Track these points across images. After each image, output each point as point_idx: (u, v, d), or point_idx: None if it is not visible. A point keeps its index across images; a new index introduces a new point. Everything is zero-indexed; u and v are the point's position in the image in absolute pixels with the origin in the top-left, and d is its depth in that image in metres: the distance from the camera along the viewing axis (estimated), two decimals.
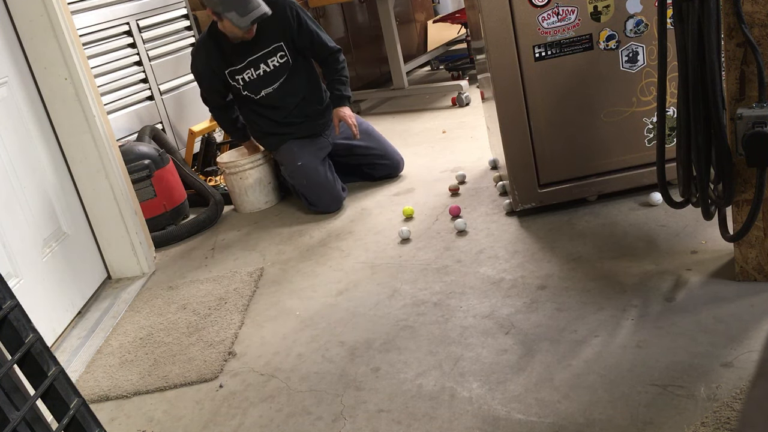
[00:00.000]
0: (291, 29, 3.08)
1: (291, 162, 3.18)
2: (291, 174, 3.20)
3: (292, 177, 3.20)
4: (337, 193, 3.18)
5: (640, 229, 2.37)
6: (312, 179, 3.14)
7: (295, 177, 3.17)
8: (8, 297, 1.47)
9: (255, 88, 3.13)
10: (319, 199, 3.14)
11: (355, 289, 2.40)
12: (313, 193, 3.14)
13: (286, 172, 3.24)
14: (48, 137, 2.68)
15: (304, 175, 3.14)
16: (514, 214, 2.69)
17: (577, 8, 2.36)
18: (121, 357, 2.28)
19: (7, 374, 1.40)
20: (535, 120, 2.49)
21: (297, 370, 2.01)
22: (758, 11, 1.67)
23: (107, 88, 3.51)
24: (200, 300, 2.55)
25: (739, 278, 1.95)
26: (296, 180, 3.18)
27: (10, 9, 2.58)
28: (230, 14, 2.87)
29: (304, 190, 3.16)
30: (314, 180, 3.14)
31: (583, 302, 2.02)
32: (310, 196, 3.15)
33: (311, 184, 3.14)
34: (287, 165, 3.20)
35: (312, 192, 3.14)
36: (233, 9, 2.86)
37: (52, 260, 2.53)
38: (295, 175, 3.17)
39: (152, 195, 3.18)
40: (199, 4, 4.20)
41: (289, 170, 3.20)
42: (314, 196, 3.14)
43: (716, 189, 1.88)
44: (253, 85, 3.13)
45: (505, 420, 1.63)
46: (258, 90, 3.14)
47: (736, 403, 1.52)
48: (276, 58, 3.11)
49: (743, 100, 1.75)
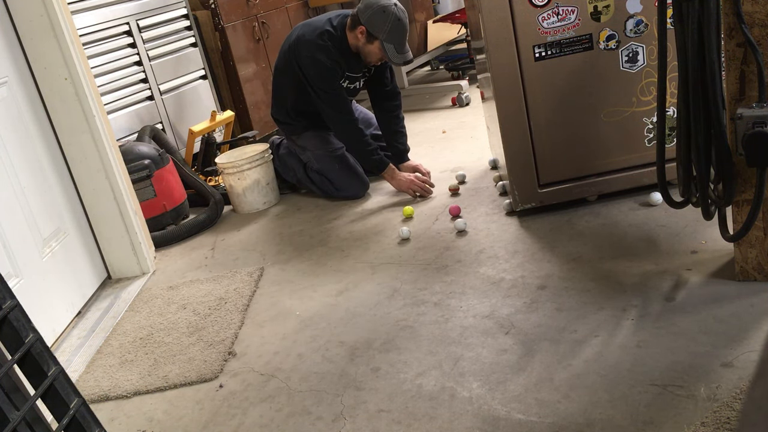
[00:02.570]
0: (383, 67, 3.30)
1: (322, 147, 3.28)
2: (321, 158, 3.28)
3: (322, 161, 3.28)
4: (366, 180, 3.30)
5: (640, 229, 2.37)
6: (344, 164, 3.26)
7: (326, 161, 3.27)
8: (8, 297, 1.47)
9: None
10: (351, 184, 3.26)
11: (355, 289, 2.40)
12: (344, 177, 3.26)
13: (313, 157, 3.31)
14: (48, 137, 2.68)
15: (336, 160, 3.26)
16: (514, 214, 2.69)
17: (577, 8, 2.36)
18: (121, 357, 2.28)
19: (7, 374, 1.40)
20: (535, 120, 2.49)
21: (297, 370, 2.01)
22: (758, 11, 1.67)
23: (107, 88, 3.51)
24: (200, 300, 2.55)
25: (739, 278, 1.95)
26: (327, 165, 3.27)
27: (10, 9, 2.58)
28: (389, 46, 3.04)
29: (334, 175, 3.26)
30: (346, 164, 3.27)
31: (583, 302, 2.02)
32: (341, 181, 3.26)
33: (343, 168, 3.26)
34: (317, 150, 3.29)
35: (343, 177, 3.26)
36: (393, 43, 3.04)
37: (52, 260, 2.53)
38: (327, 159, 3.26)
39: (152, 195, 3.18)
40: (200, 4, 4.21)
41: (320, 155, 3.28)
42: (345, 181, 3.26)
43: (716, 189, 1.88)
44: None
45: (505, 420, 1.63)
46: None
47: (736, 403, 1.52)
48: (363, 79, 3.32)
49: (743, 100, 1.75)
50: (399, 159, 3.30)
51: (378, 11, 3.00)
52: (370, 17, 3.01)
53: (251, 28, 4.41)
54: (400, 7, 3.04)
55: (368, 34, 3.03)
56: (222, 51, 4.27)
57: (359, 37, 3.06)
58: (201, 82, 4.16)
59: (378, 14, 3.00)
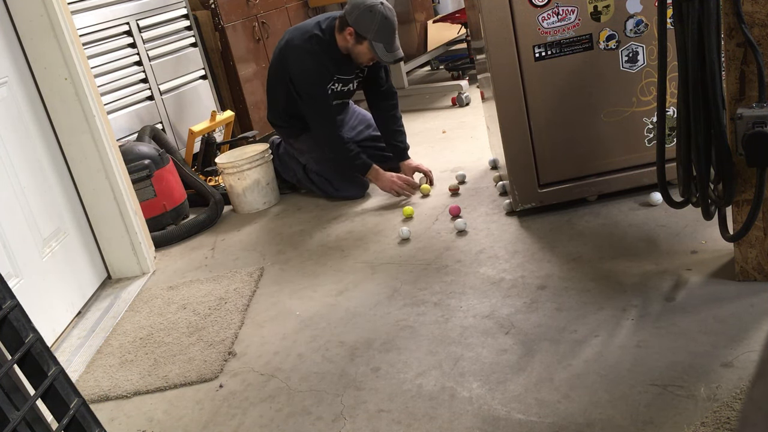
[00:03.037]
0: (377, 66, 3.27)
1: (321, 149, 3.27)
2: (320, 160, 3.27)
3: (321, 162, 3.27)
4: (365, 180, 3.29)
5: (640, 229, 2.37)
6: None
7: (325, 163, 3.26)
8: (8, 297, 1.47)
9: (332, 98, 3.23)
10: (349, 185, 3.27)
11: (355, 289, 2.40)
12: (343, 179, 3.25)
13: (311, 159, 3.30)
14: (48, 137, 2.68)
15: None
16: (514, 214, 2.69)
17: (577, 8, 2.36)
18: (121, 357, 2.28)
19: (7, 374, 1.40)
20: (535, 120, 2.49)
21: (297, 370, 2.01)
22: (758, 11, 1.67)
23: (107, 88, 3.51)
24: (200, 300, 2.55)
25: (739, 278, 1.95)
26: (325, 166, 3.27)
27: (10, 9, 2.58)
28: (378, 45, 3.00)
29: (332, 176, 3.27)
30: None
31: (583, 302, 2.02)
32: (339, 182, 3.26)
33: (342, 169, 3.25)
34: (315, 152, 3.28)
35: (342, 178, 3.25)
36: (383, 42, 3.00)
37: (52, 260, 2.53)
38: (325, 161, 3.25)
39: (152, 195, 3.18)
40: (200, 4, 4.21)
41: (318, 157, 3.28)
42: (344, 182, 3.26)
43: (716, 189, 1.88)
44: (333, 96, 3.23)
45: (505, 420, 1.63)
46: (332, 101, 3.24)
47: (736, 403, 1.52)
48: (357, 80, 3.31)
49: (743, 100, 1.75)
50: (399, 158, 3.30)
51: (365, 11, 2.98)
52: (357, 18, 2.99)
53: (251, 28, 4.41)
54: (387, 5, 3.02)
55: (357, 35, 3.01)
56: (222, 51, 4.27)
57: (348, 38, 3.04)
58: (201, 82, 4.16)
59: (365, 14, 2.98)
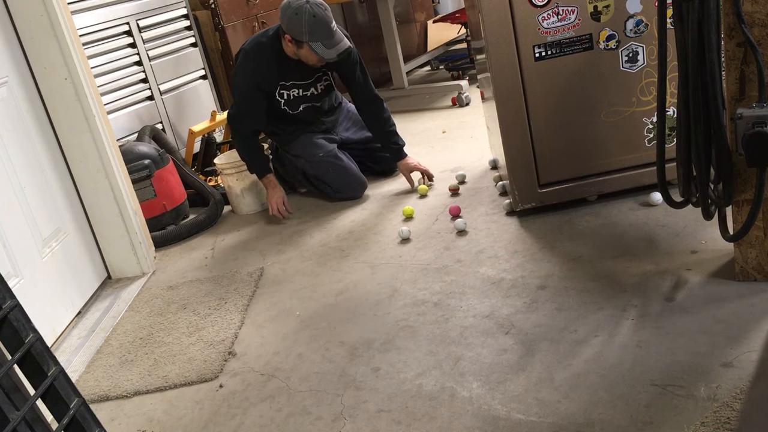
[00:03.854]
0: (346, 66, 3.17)
1: (312, 153, 3.24)
2: (314, 164, 3.24)
3: (316, 167, 3.24)
4: (362, 179, 3.27)
5: (640, 229, 2.37)
6: (337, 166, 3.22)
7: (320, 166, 3.23)
8: (8, 297, 1.47)
9: (296, 104, 3.20)
10: (347, 185, 3.23)
11: (355, 289, 2.40)
12: (340, 180, 3.22)
13: (306, 164, 3.27)
14: (48, 137, 2.68)
15: (329, 164, 3.22)
16: (514, 214, 2.69)
17: (577, 8, 2.36)
18: (121, 357, 2.28)
19: (7, 374, 1.40)
20: (535, 120, 2.49)
21: (297, 370, 2.01)
22: (758, 11, 1.67)
23: (107, 88, 3.51)
24: (200, 300, 2.55)
25: (739, 278, 1.95)
26: (320, 169, 3.23)
27: (10, 9, 2.58)
28: (316, 44, 2.92)
29: (329, 178, 3.23)
30: (340, 167, 3.22)
31: (583, 302, 2.02)
32: (337, 183, 3.23)
33: (337, 171, 3.22)
34: (309, 156, 3.24)
35: (338, 179, 3.22)
36: (320, 40, 2.92)
37: (52, 260, 2.53)
38: (320, 164, 3.22)
39: (152, 195, 3.18)
40: (200, 4, 4.21)
41: (312, 161, 3.24)
42: (341, 183, 3.23)
43: (716, 189, 1.88)
44: (295, 101, 3.20)
45: (505, 420, 1.63)
46: (298, 106, 3.21)
47: (736, 403, 1.52)
48: (322, 83, 3.25)
49: (743, 100, 1.75)
50: (397, 157, 3.28)
51: (292, 16, 2.90)
52: (288, 24, 2.93)
53: (251, 28, 4.41)
54: (313, 1, 2.91)
55: (294, 41, 2.96)
56: (222, 51, 4.27)
57: (290, 45, 3.00)
58: (201, 82, 4.16)
59: (293, 19, 2.90)
